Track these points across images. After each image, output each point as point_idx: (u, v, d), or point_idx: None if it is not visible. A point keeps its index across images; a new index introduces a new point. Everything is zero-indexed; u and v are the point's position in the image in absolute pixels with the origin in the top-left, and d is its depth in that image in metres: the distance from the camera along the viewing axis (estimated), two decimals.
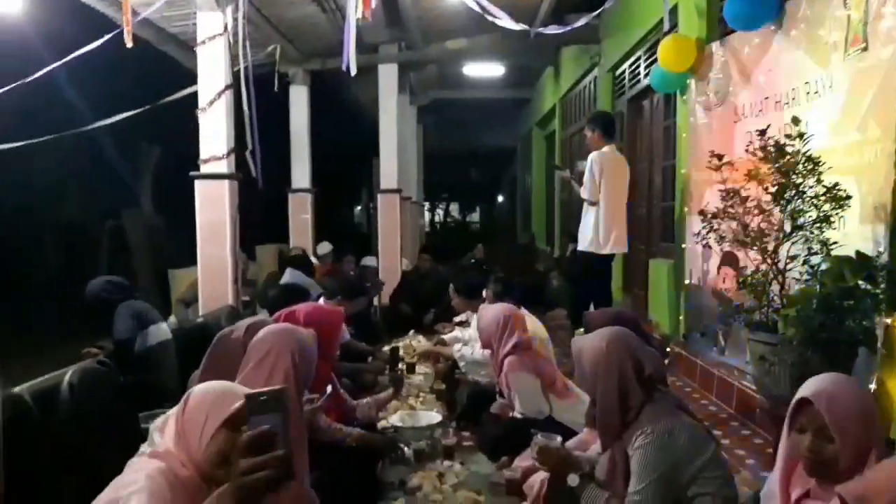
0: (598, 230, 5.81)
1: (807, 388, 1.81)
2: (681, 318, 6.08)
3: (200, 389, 1.86)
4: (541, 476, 2.98)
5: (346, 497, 2.84)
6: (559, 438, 2.64)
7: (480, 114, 17.73)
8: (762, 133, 3.65)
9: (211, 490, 1.73)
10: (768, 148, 3.53)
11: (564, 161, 11.33)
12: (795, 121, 3.58)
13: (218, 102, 5.81)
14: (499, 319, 3.96)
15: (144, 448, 1.83)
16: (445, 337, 5.78)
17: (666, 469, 2.27)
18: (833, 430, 1.72)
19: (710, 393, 5.04)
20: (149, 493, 1.61)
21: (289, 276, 6.48)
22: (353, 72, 4.77)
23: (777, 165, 3.46)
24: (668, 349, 5.86)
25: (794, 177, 3.46)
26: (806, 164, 3.42)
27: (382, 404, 3.91)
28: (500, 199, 28.99)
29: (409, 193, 11.97)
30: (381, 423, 4.20)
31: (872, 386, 3.13)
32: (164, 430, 1.84)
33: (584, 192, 5.87)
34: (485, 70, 12.61)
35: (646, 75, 7.25)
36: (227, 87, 5.81)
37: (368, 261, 9.04)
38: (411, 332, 7.20)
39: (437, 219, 32.13)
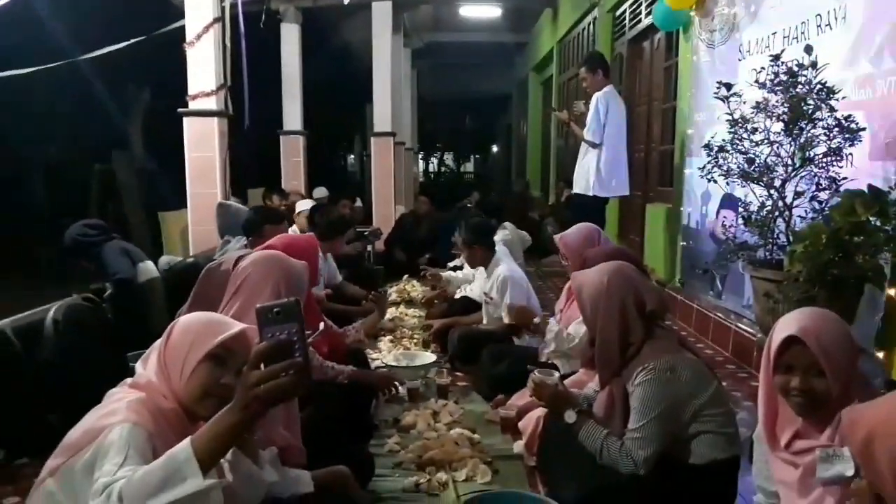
0: (600, 172, 5.70)
1: (789, 327, 1.74)
2: (677, 262, 6.02)
3: (185, 320, 1.79)
4: (536, 414, 2.94)
5: (340, 434, 2.79)
6: (557, 374, 2.59)
7: (476, 59, 17.42)
8: (776, 58, 3.52)
9: (195, 424, 1.66)
10: (780, 76, 3.40)
11: (562, 106, 11.15)
12: (808, 49, 3.44)
13: (206, 37, 5.64)
14: (586, 233, 3.77)
15: (126, 380, 1.76)
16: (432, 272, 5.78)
17: (667, 406, 2.22)
18: (825, 365, 1.68)
19: (706, 337, 5.01)
20: (132, 423, 1.54)
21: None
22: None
23: (790, 94, 3.34)
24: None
25: (806, 106, 3.34)
26: (820, 94, 3.29)
27: (370, 327, 3.86)
28: (496, 148, 28.68)
29: (403, 139, 11.80)
30: (375, 363, 4.16)
31: (877, 324, 3.09)
32: (147, 361, 1.76)
33: (587, 134, 5.74)
34: (481, 11, 12.31)
35: (647, 15, 7.05)
36: (215, 21, 5.63)
37: (318, 192, 9.04)
38: (405, 276, 7.13)
39: (431, 168, 31.86)
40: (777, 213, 3.67)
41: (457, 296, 5.34)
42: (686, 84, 5.86)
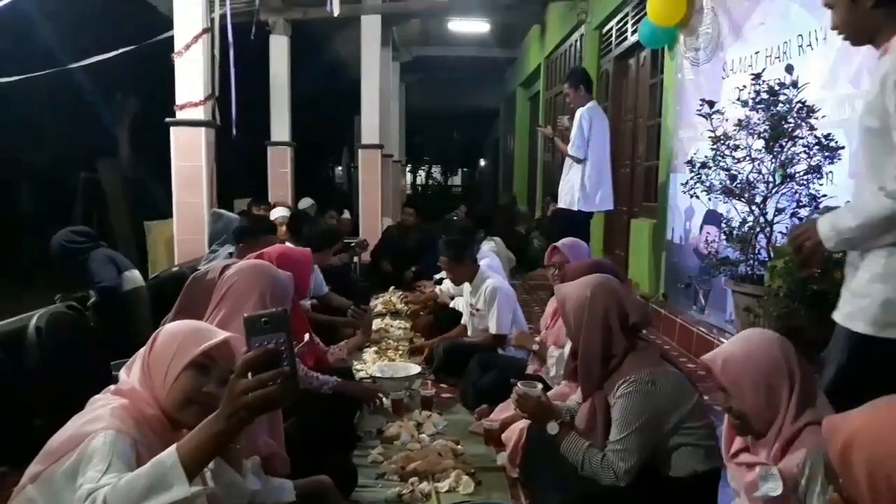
0: (585, 187, 5.74)
1: (709, 354, 1.87)
2: (661, 277, 6.07)
3: (170, 328, 1.79)
4: (519, 426, 2.95)
5: (324, 444, 2.79)
6: (540, 386, 2.60)
7: (464, 73, 17.50)
8: (757, 77, 3.58)
9: (177, 431, 1.66)
10: (762, 94, 3.47)
11: (548, 122, 11.23)
12: (789, 68, 3.51)
13: (195, 47, 5.63)
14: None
15: (110, 387, 1.75)
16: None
17: (648, 418, 2.24)
18: (728, 389, 1.78)
19: (688, 351, 5.04)
20: (116, 430, 1.53)
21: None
22: (336, 12, 4.60)
23: (771, 112, 3.40)
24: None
25: (786, 125, 3.40)
26: (800, 112, 3.36)
27: (354, 347, 3.86)
28: (483, 162, 28.79)
29: (391, 151, 11.83)
30: (360, 374, 4.16)
31: None
32: (131, 368, 1.76)
33: (571, 149, 5.78)
34: (469, 26, 12.40)
35: (633, 32, 7.14)
36: (204, 31, 5.63)
37: (304, 203, 9.07)
38: (391, 288, 7.14)
39: (418, 181, 31.90)
40: (758, 229, 3.73)
41: (451, 305, 5.35)
42: (671, 101, 5.93)
